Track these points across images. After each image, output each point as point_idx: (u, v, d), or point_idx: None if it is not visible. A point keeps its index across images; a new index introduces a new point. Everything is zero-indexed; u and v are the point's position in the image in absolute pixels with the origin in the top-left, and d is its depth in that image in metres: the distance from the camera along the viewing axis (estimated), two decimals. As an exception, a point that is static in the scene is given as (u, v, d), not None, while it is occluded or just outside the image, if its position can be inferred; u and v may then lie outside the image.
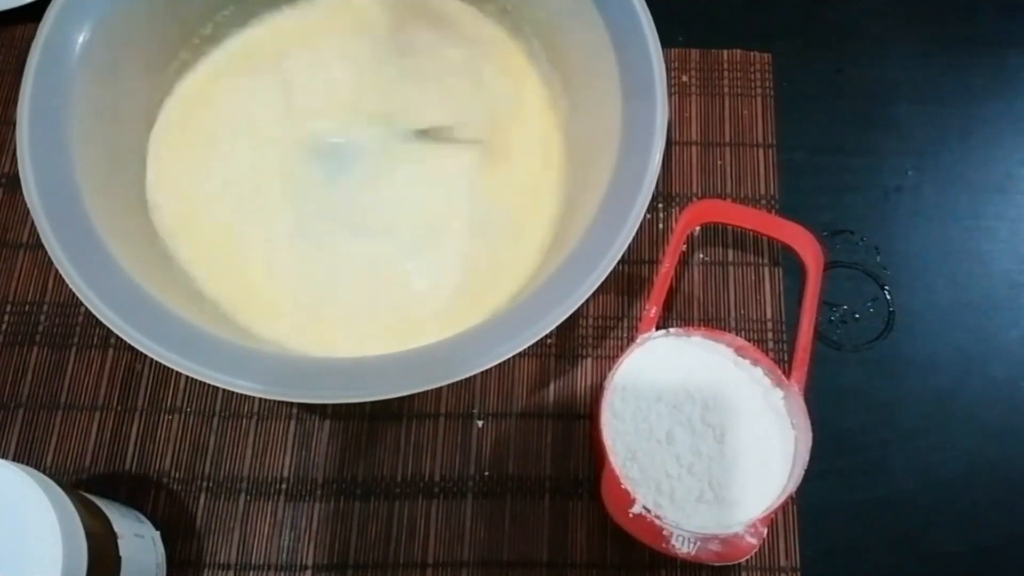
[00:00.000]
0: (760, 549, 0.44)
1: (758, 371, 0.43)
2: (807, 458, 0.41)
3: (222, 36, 0.50)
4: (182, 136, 0.49)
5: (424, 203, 0.48)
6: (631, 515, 0.40)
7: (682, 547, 0.39)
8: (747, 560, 0.44)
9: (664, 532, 0.40)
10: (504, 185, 0.48)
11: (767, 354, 0.44)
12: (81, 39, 0.42)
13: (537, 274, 0.45)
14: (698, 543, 0.40)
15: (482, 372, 0.38)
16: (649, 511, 0.40)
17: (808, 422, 0.42)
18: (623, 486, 0.40)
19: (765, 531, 0.40)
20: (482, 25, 0.51)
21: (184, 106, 0.49)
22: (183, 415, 0.46)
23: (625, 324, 0.48)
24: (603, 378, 0.45)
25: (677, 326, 0.47)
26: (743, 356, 0.44)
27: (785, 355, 0.48)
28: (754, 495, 0.41)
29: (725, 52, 0.54)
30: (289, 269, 0.47)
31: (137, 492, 0.45)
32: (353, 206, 0.48)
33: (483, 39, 0.51)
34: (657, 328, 0.44)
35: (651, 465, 0.41)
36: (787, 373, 0.44)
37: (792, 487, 0.40)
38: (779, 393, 0.43)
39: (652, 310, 0.45)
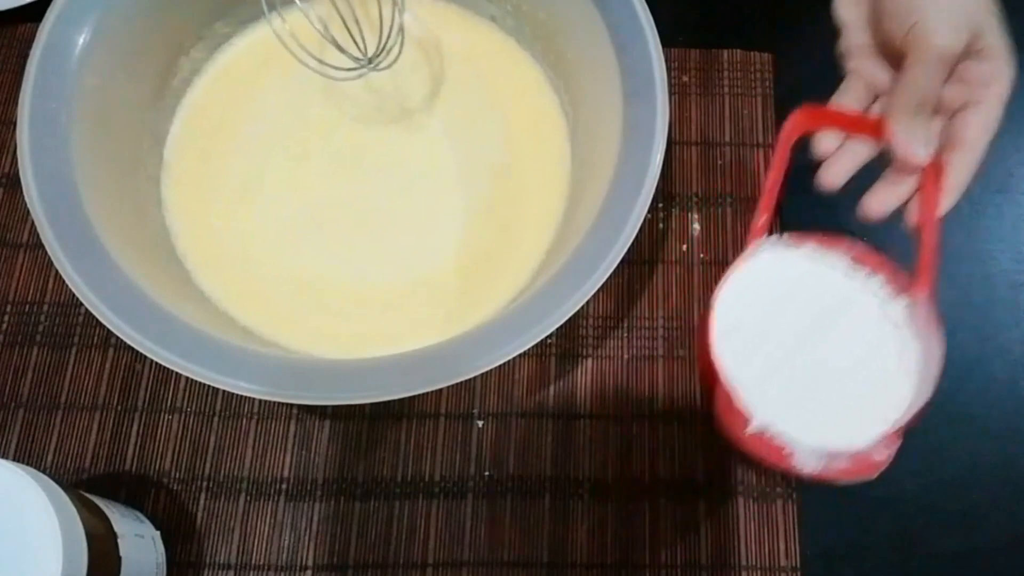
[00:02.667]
0: (760, 549, 0.44)
1: (875, 281, 0.41)
2: (937, 370, 0.38)
3: (233, 35, 0.50)
4: (190, 137, 0.49)
5: (426, 204, 0.48)
6: (749, 434, 0.37)
7: (808, 465, 0.37)
8: (747, 560, 0.44)
9: (784, 451, 0.37)
10: (506, 187, 0.48)
11: (887, 262, 0.41)
12: (81, 39, 0.42)
13: (538, 275, 0.45)
14: (824, 459, 0.37)
15: (482, 372, 0.38)
16: (767, 429, 0.37)
17: (936, 331, 0.39)
18: (737, 405, 0.38)
19: (899, 442, 0.37)
20: (482, 28, 0.51)
21: (193, 105, 0.49)
22: (183, 415, 0.46)
23: (625, 324, 0.48)
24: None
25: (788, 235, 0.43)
26: (859, 265, 0.41)
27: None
28: (879, 408, 0.38)
29: (725, 52, 0.54)
30: (291, 270, 0.47)
31: (137, 492, 0.45)
32: (357, 206, 0.48)
33: (482, 41, 0.51)
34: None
35: (764, 380, 0.39)
36: (911, 281, 0.41)
37: (921, 400, 0.38)
38: (899, 303, 0.40)
39: (762, 218, 0.42)
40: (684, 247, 0.50)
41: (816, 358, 0.39)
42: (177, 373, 0.37)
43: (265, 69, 0.50)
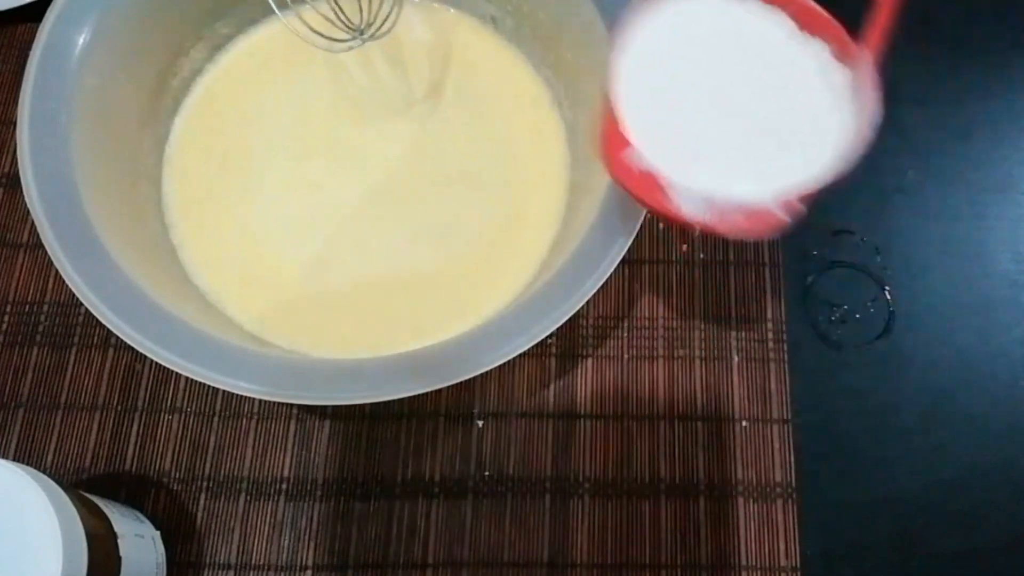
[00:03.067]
0: (760, 549, 0.44)
1: (817, 43, 0.37)
2: (862, 143, 0.34)
3: (233, 35, 0.50)
4: (190, 137, 0.49)
5: (426, 204, 0.48)
6: (629, 169, 0.34)
7: (691, 211, 0.34)
8: (747, 560, 0.44)
9: (667, 192, 0.34)
10: (507, 187, 0.48)
11: (839, 27, 0.37)
12: (81, 39, 0.42)
13: (539, 274, 0.45)
14: (711, 209, 0.33)
15: (482, 372, 0.38)
16: (652, 167, 0.34)
17: (874, 102, 0.34)
18: (625, 135, 0.34)
19: (803, 207, 0.34)
20: (481, 29, 0.51)
21: (193, 106, 0.49)
22: (183, 415, 0.46)
23: (625, 324, 0.48)
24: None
25: None
26: (807, 27, 0.37)
27: (785, 354, 0.48)
28: (790, 169, 0.34)
29: (725, 52, 0.54)
30: (291, 270, 0.47)
31: (137, 492, 0.45)
32: (358, 206, 0.48)
33: (482, 42, 0.51)
34: None
35: (665, 116, 0.35)
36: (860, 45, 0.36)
37: (838, 170, 0.34)
38: (841, 68, 0.36)
39: None
40: (684, 247, 0.50)
41: (733, 108, 0.35)
42: (177, 373, 0.37)
43: (266, 69, 0.50)
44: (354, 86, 0.49)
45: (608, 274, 0.39)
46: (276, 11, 0.45)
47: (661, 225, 0.51)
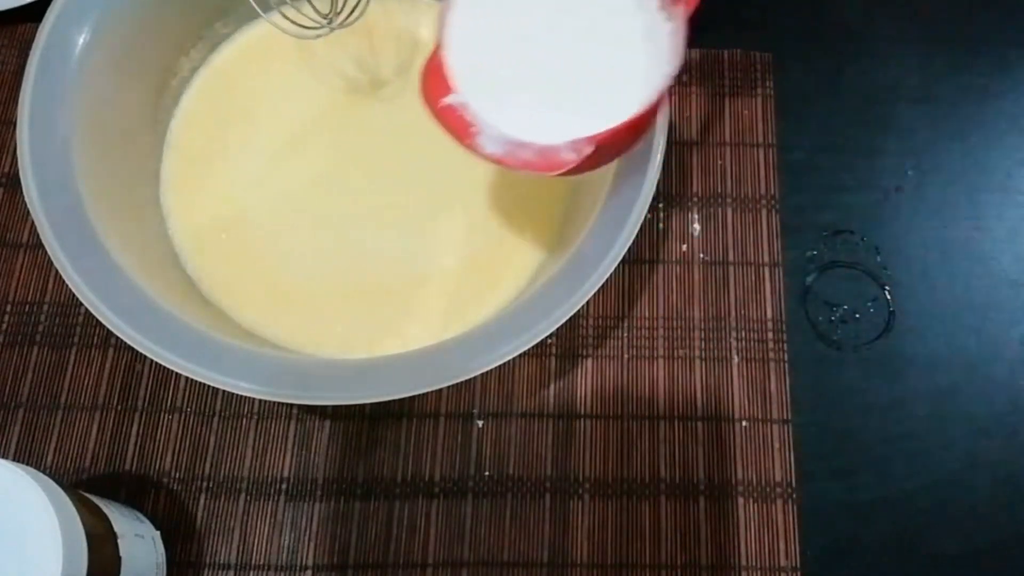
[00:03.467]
0: (760, 549, 0.44)
1: None
2: (656, 95, 0.36)
3: (232, 34, 0.50)
4: (190, 137, 0.49)
5: (426, 204, 0.48)
6: (443, 104, 0.37)
7: (488, 146, 0.36)
8: (747, 560, 0.44)
9: (472, 128, 0.36)
10: (506, 187, 0.48)
11: None
12: (81, 39, 0.42)
13: (539, 275, 0.45)
14: (507, 146, 0.36)
15: (482, 372, 0.38)
16: (465, 105, 0.36)
17: (680, 48, 0.36)
18: (445, 72, 0.37)
19: (590, 150, 0.36)
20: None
21: (193, 105, 0.49)
22: (183, 415, 0.46)
23: (625, 324, 0.48)
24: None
25: None
26: None
27: (785, 354, 0.48)
28: (586, 112, 0.36)
29: (725, 52, 0.54)
30: (291, 269, 0.47)
31: (137, 492, 0.45)
32: (358, 206, 0.48)
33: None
34: None
35: (481, 56, 0.37)
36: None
37: (626, 117, 0.36)
38: (667, 24, 0.37)
39: None
40: (684, 247, 0.50)
41: (548, 54, 0.37)
42: (177, 373, 0.37)
43: (266, 69, 0.50)
44: (354, 87, 0.49)
45: (608, 274, 0.39)
46: (253, 3, 0.45)
47: (661, 225, 0.51)
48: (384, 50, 0.51)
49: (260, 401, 0.46)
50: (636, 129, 0.37)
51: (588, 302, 0.39)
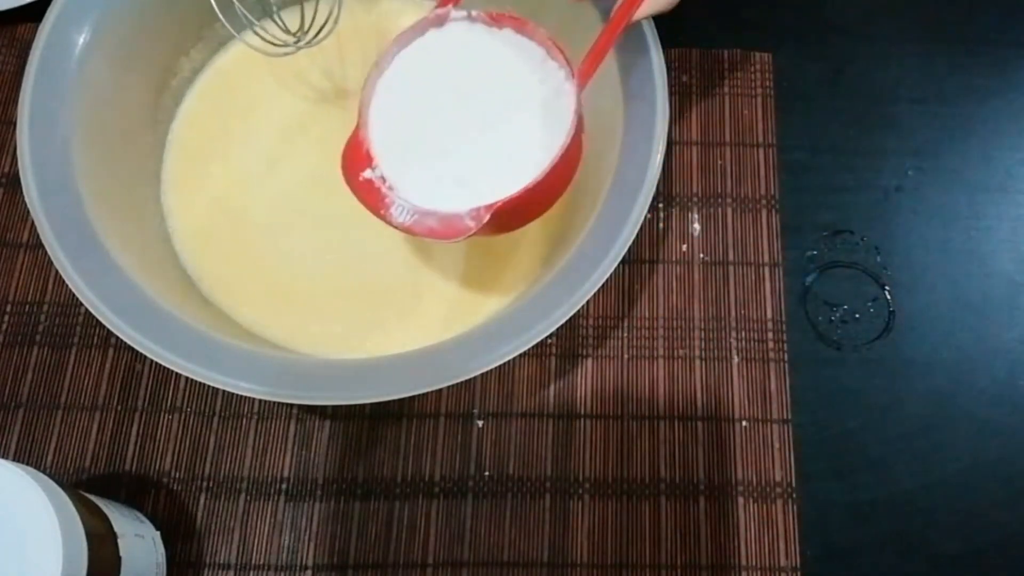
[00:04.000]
0: (760, 549, 0.45)
1: (556, 68, 0.40)
2: (549, 165, 0.38)
3: (231, 35, 0.50)
4: (190, 137, 0.49)
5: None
6: (361, 179, 0.40)
7: (399, 216, 0.39)
8: (747, 560, 0.44)
9: (386, 199, 0.39)
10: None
11: (564, 55, 0.40)
12: (82, 39, 0.42)
13: (539, 274, 0.45)
14: (415, 215, 0.39)
15: (482, 372, 0.38)
16: (379, 178, 0.40)
17: (573, 119, 0.38)
18: (365, 148, 0.40)
19: (487, 217, 0.38)
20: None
21: (193, 106, 0.49)
22: (183, 415, 0.46)
23: (625, 324, 0.48)
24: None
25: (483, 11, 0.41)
26: (550, 51, 0.40)
27: (785, 354, 0.48)
28: (494, 185, 0.39)
29: (725, 52, 0.54)
30: (292, 269, 0.47)
31: (137, 492, 0.45)
32: (357, 205, 0.48)
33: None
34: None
35: (401, 137, 0.40)
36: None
37: (519, 187, 0.38)
38: (569, 96, 0.39)
39: None
40: (684, 247, 0.50)
41: (457, 127, 0.40)
42: (177, 373, 0.37)
43: (266, 69, 0.50)
44: (356, 83, 0.49)
45: (608, 274, 0.39)
46: (220, 16, 0.45)
47: (661, 225, 0.51)
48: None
49: (260, 401, 0.46)
50: (540, 193, 0.39)
51: (588, 302, 0.39)
